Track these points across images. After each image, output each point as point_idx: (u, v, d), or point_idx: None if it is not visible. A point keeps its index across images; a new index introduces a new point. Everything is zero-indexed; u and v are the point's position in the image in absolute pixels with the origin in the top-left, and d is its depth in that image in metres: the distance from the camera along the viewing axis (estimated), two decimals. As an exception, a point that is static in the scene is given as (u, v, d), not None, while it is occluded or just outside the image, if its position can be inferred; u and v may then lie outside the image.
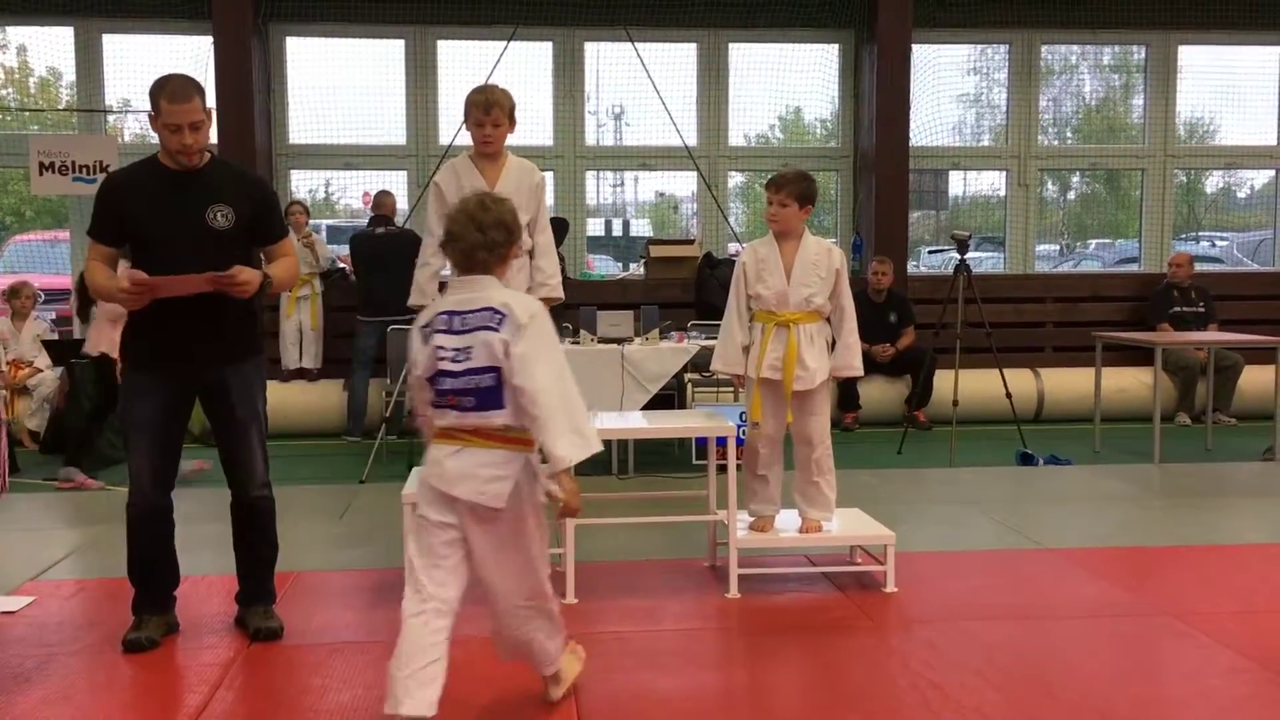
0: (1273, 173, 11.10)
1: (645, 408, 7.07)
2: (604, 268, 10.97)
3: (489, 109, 4.47)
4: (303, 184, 10.39)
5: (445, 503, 3.06)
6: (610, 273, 10.82)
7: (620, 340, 7.36)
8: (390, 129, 10.10)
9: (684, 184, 11.00)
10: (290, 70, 9.99)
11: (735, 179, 10.71)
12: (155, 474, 3.91)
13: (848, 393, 8.99)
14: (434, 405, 3.11)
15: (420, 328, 3.14)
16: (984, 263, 11.03)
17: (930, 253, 11.57)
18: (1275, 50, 10.76)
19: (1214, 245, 11.86)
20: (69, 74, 10.07)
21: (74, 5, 9.52)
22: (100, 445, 7.31)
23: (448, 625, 3.03)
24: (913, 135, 10.01)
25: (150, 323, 3.83)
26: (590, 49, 10.18)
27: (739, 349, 4.71)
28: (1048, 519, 5.80)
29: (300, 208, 9.11)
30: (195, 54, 9.40)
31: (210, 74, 9.16)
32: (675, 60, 10.14)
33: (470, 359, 3.02)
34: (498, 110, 4.47)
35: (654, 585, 4.65)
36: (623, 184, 11.64)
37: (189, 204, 3.82)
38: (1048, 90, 10.81)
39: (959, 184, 11.24)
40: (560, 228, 9.06)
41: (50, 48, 9.99)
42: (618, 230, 11.66)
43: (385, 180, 9.92)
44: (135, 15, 9.66)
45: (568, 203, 10.22)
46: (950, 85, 10.57)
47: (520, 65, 9.79)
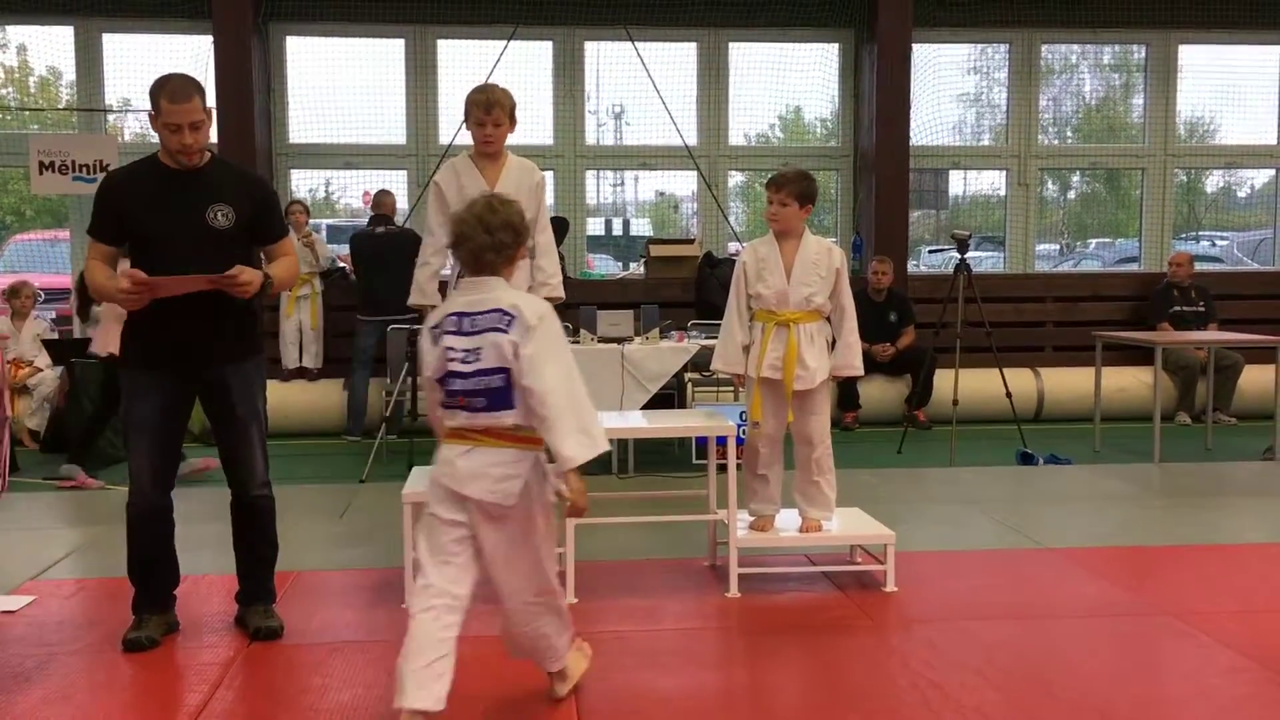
0: (1273, 172, 11.09)
1: (645, 407, 7.06)
2: (604, 267, 10.96)
3: (490, 108, 4.46)
4: (303, 183, 10.40)
5: (456, 501, 3.08)
6: (610, 272, 10.81)
7: (620, 340, 7.36)
8: (390, 128, 10.10)
9: (684, 183, 11.01)
10: (290, 70, 9.99)
11: (735, 178, 10.71)
12: (155, 473, 3.91)
13: (848, 392, 8.99)
14: (444, 406, 3.13)
15: (430, 329, 3.16)
16: (984, 262, 11.03)
17: (930, 252, 11.57)
18: (1275, 49, 10.76)
19: (1214, 245, 11.86)
20: (69, 73, 10.07)
21: (74, 4, 9.52)
22: (101, 445, 7.33)
23: (458, 621, 3.05)
24: (913, 135, 10.01)
25: (150, 322, 3.82)
26: (590, 48, 10.18)
27: (739, 348, 4.71)
28: (1048, 518, 5.80)
29: (300, 207, 9.11)
30: (195, 53, 9.40)
31: (210, 73, 9.16)
32: (675, 60, 10.14)
33: (480, 360, 3.04)
34: (499, 110, 4.46)
35: (654, 584, 4.65)
36: (623, 183, 11.65)
37: (189, 203, 3.82)
38: (1048, 90, 10.80)
39: (959, 183, 11.24)
40: (560, 227, 9.06)
41: (50, 47, 9.99)
42: (618, 230, 11.66)
43: (385, 180, 9.92)
44: (135, 14, 9.66)
45: (568, 202, 10.22)
46: (950, 84, 10.57)
47: (520, 65, 9.79)
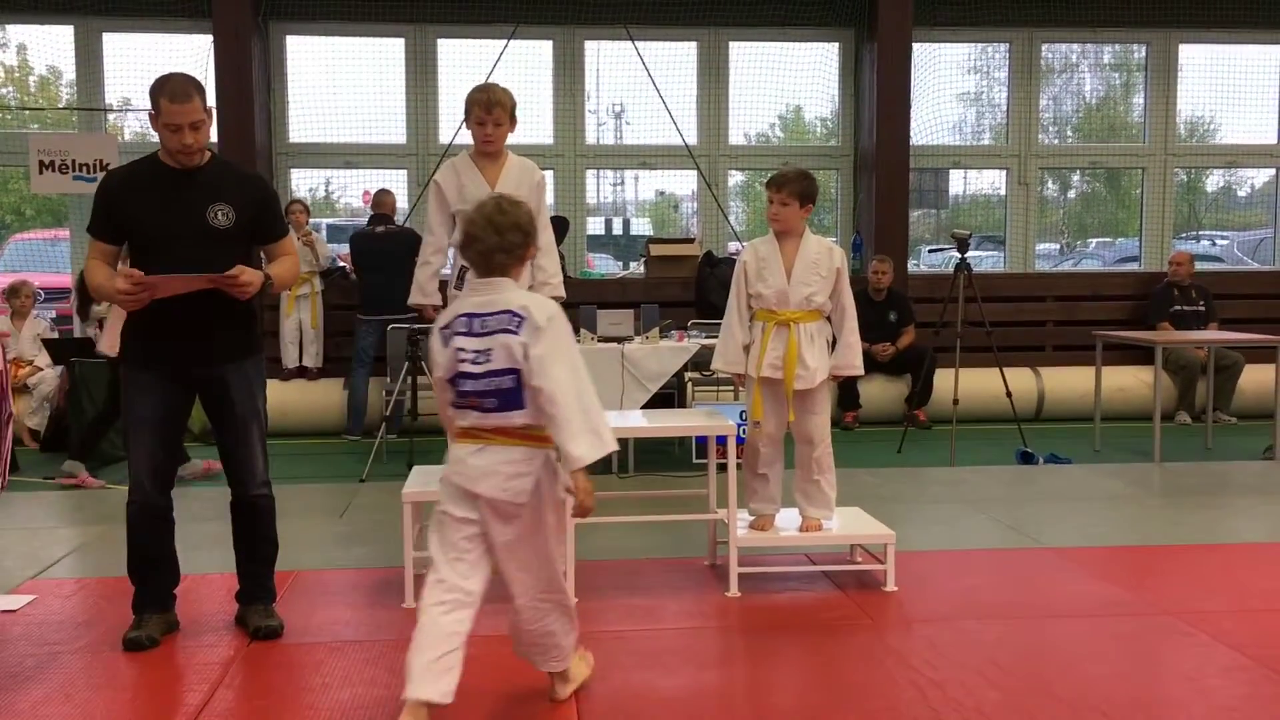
0: (1273, 171, 11.09)
1: (645, 406, 7.06)
2: (604, 266, 10.96)
3: (491, 108, 4.45)
4: (303, 183, 10.40)
5: (467, 499, 3.11)
6: (610, 272, 10.80)
7: (620, 339, 7.35)
8: (390, 128, 10.09)
9: (684, 183, 11.01)
10: (290, 69, 9.99)
11: (735, 178, 10.71)
12: (155, 472, 3.90)
13: (848, 392, 8.99)
14: (455, 405, 3.17)
15: (440, 329, 3.19)
16: (984, 261, 11.04)
17: (930, 251, 11.56)
18: (1276, 49, 10.75)
19: (1214, 244, 11.86)
20: (69, 72, 10.06)
21: (74, 4, 9.52)
22: (102, 445, 7.32)
23: (469, 617, 3.08)
24: (913, 134, 10.01)
25: (150, 321, 3.82)
26: (590, 47, 10.17)
27: (739, 348, 4.71)
28: (1048, 518, 5.80)
29: (300, 206, 9.11)
30: (195, 52, 9.40)
31: (210, 73, 9.17)
32: (675, 59, 10.13)
33: (490, 361, 3.07)
34: (499, 109, 4.45)
35: (654, 584, 4.65)
36: (623, 183, 11.64)
37: (190, 202, 3.82)
38: (1048, 89, 10.80)
39: (959, 183, 11.24)
40: (560, 226, 9.06)
41: (50, 46, 9.98)
42: (618, 229, 11.66)
43: (385, 179, 9.92)
44: (135, 14, 9.65)
45: (568, 201, 10.21)
46: (950, 84, 10.57)
47: (520, 64, 9.79)
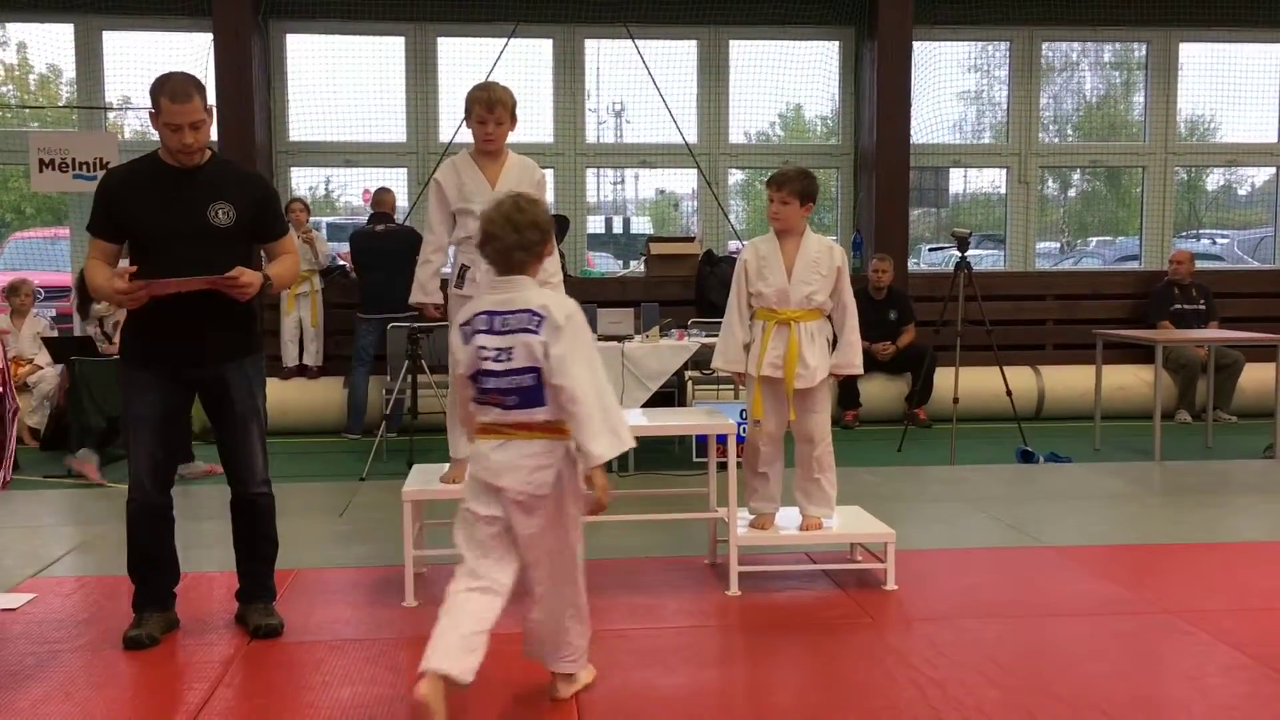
0: (1273, 170, 11.08)
1: (645, 405, 7.06)
2: (604, 265, 10.96)
3: (492, 107, 4.44)
4: (303, 181, 10.39)
5: (490, 495, 3.18)
6: (610, 270, 10.81)
7: (620, 338, 7.35)
8: (390, 126, 10.09)
9: (684, 181, 11.00)
10: (290, 67, 9.98)
11: (735, 176, 10.70)
12: (155, 471, 3.91)
13: (848, 390, 8.99)
14: (476, 402, 3.23)
15: (460, 326, 3.25)
16: (984, 260, 11.03)
17: (930, 250, 11.54)
18: (1276, 47, 10.75)
19: (1215, 243, 11.85)
20: (69, 71, 10.06)
21: (74, 2, 9.51)
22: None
23: (497, 605, 3.15)
24: (913, 132, 10.01)
25: (149, 320, 3.82)
26: (590, 46, 10.17)
27: (740, 347, 4.70)
28: (1048, 517, 5.80)
29: (301, 204, 9.11)
30: (195, 51, 9.39)
31: (210, 71, 9.16)
32: (676, 57, 10.12)
33: (512, 360, 3.14)
34: (500, 108, 4.44)
35: (654, 583, 4.65)
36: (623, 181, 11.64)
37: (190, 201, 3.82)
38: (1048, 87, 10.80)
39: (959, 181, 11.23)
40: (560, 225, 9.07)
41: (50, 44, 9.98)
42: (618, 228, 11.66)
43: (385, 177, 9.91)
44: (135, 12, 9.64)
45: (568, 200, 10.21)
46: (951, 82, 10.56)
47: (520, 62, 9.79)
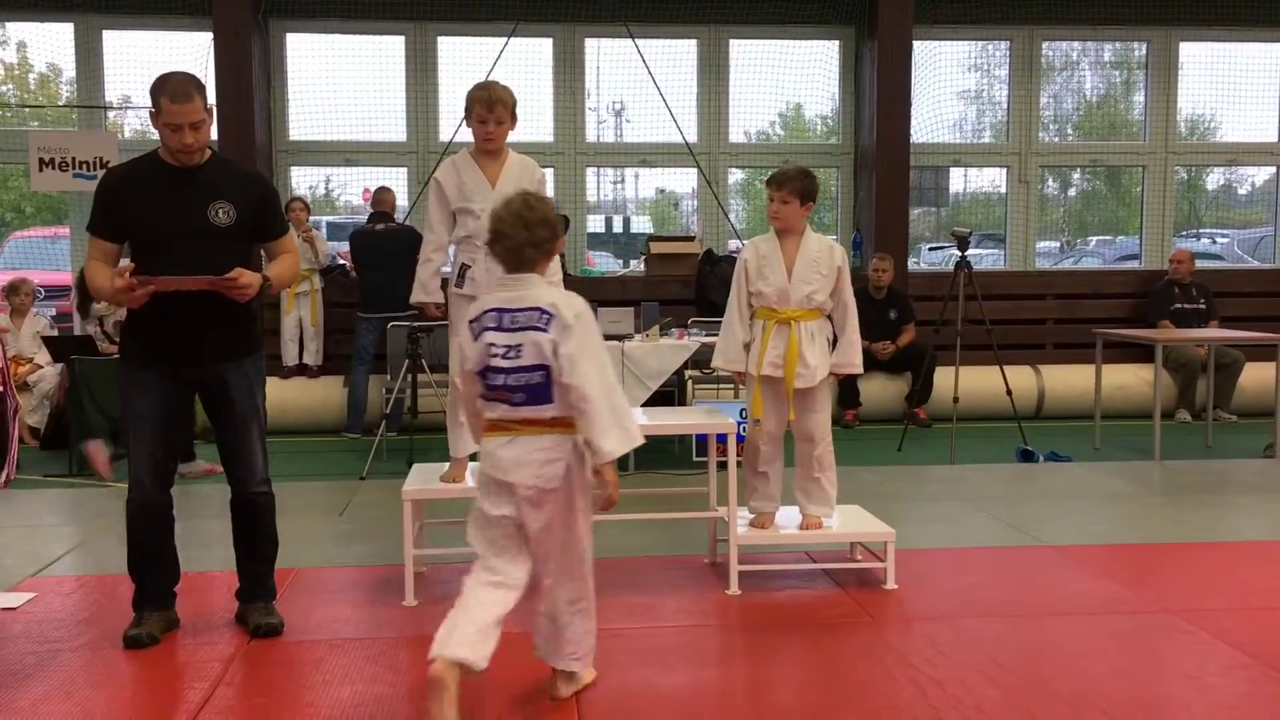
0: (1274, 169, 11.08)
1: (645, 404, 7.06)
2: (604, 264, 10.96)
3: (492, 106, 4.44)
4: (303, 180, 10.39)
5: (501, 493, 3.21)
6: (610, 269, 10.81)
7: (620, 337, 7.35)
8: (390, 125, 10.09)
9: (684, 180, 11.00)
10: (290, 66, 9.98)
11: (736, 176, 10.70)
12: (155, 470, 3.90)
13: (848, 390, 8.99)
14: (484, 398, 3.26)
15: (469, 322, 3.29)
16: (984, 260, 11.03)
17: (931, 249, 11.55)
18: (1276, 47, 10.75)
19: (1215, 242, 11.85)
20: (69, 70, 10.06)
21: (74, 1, 9.51)
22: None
23: (512, 599, 3.20)
24: (913, 132, 10.01)
25: (149, 320, 3.82)
26: (590, 45, 10.17)
27: (740, 346, 4.70)
28: (1048, 516, 5.80)
29: (301, 203, 9.11)
30: (195, 50, 9.40)
31: (210, 70, 9.16)
32: (676, 56, 10.13)
33: (520, 357, 3.18)
34: (501, 108, 4.44)
35: (654, 582, 4.65)
36: (623, 180, 11.64)
37: (190, 201, 3.82)
38: (1049, 87, 10.80)
39: (959, 181, 11.24)
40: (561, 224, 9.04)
41: (50, 44, 9.98)
42: (618, 227, 11.66)
43: (385, 176, 9.92)
44: (135, 11, 9.65)
45: (568, 199, 10.21)
46: (951, 81, 10.56)
47: (520, 61, 9.79)
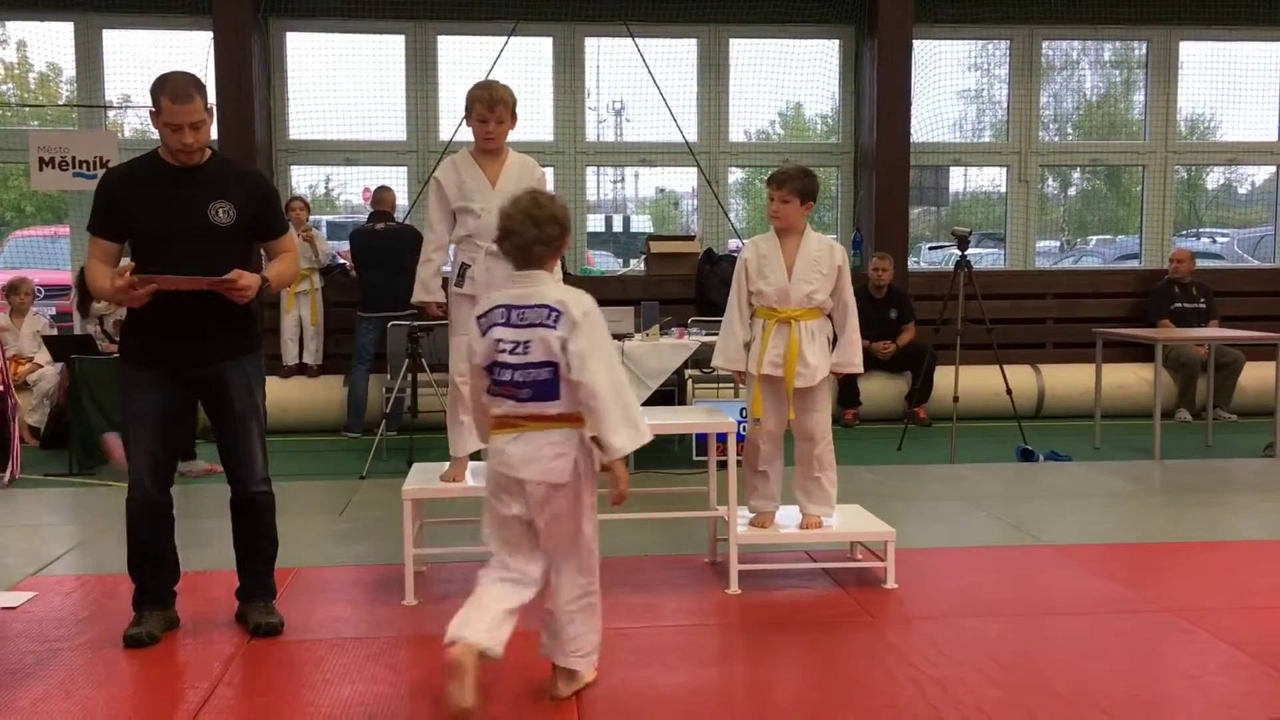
0: (1274, 169, 11.08)
1: (645, 404, 7.05)
2: (604, 264, 10.96)
3: (493, 105, 4.44)
4: (303, 180, 10.39)
5: (512, 490, 3.24)
6: (610, 269, 10.81)
7: (620, 336, 7.35)
8: (391, 124, 10.09)
9: (684, 180, 11.00)
10: (290, 65, 9.98)
11: (736, 175, 10.70)
12: (155, 469, 3.91)
13: (848, 389, 8.99)
14: (489, 393, 3.29)
15: (477, 318, 3.31)
16: (984, 259, 11.03)
17: (931, 249, 11.55)
18: (1276, 46, 10.74)
19: (1215, 241, 11.85)
20: (69, 69, 10.05)
21: (74, 0, 9.51)
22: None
23: (526, 594, 3.24)
24: (913, 131, 10.01)
25: (149, 320, 3.82)
26: (590, 44, 10.17)
27: (740, 345, 4.71)
28: (1048, 515, 5.80)
29: (301, 203, 9.11)
30: (195, 49, 9.39)
31: (210, 70, 9.16)
32: (676, 55, 10.12)
33: (528, 354, 3.20)
34: (501, 107, 4.44)
35: (654, 581, 4.66)
36: (623, 180, 11.63)
37: (190, 200, 3.82)
38: (1049, 86, 10.79)
39: (959, 180, 11.23)
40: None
41: (50, 43, 9.98)
42: (618, 226, 11.65)
43: (386, 176, 9.92)
44: (135, 10, 9.64)
45: (568, 198, 10.16)
46: (951, 81, 10.56)
47: (520, 60, 9.79)
